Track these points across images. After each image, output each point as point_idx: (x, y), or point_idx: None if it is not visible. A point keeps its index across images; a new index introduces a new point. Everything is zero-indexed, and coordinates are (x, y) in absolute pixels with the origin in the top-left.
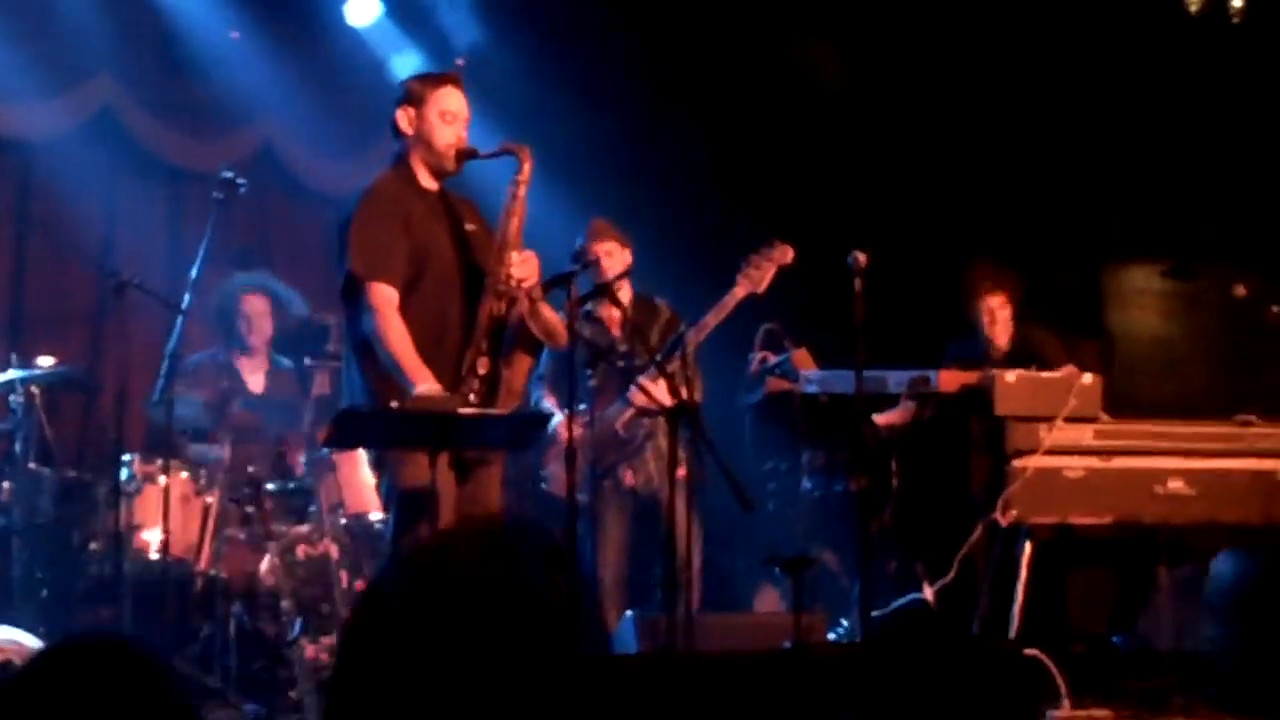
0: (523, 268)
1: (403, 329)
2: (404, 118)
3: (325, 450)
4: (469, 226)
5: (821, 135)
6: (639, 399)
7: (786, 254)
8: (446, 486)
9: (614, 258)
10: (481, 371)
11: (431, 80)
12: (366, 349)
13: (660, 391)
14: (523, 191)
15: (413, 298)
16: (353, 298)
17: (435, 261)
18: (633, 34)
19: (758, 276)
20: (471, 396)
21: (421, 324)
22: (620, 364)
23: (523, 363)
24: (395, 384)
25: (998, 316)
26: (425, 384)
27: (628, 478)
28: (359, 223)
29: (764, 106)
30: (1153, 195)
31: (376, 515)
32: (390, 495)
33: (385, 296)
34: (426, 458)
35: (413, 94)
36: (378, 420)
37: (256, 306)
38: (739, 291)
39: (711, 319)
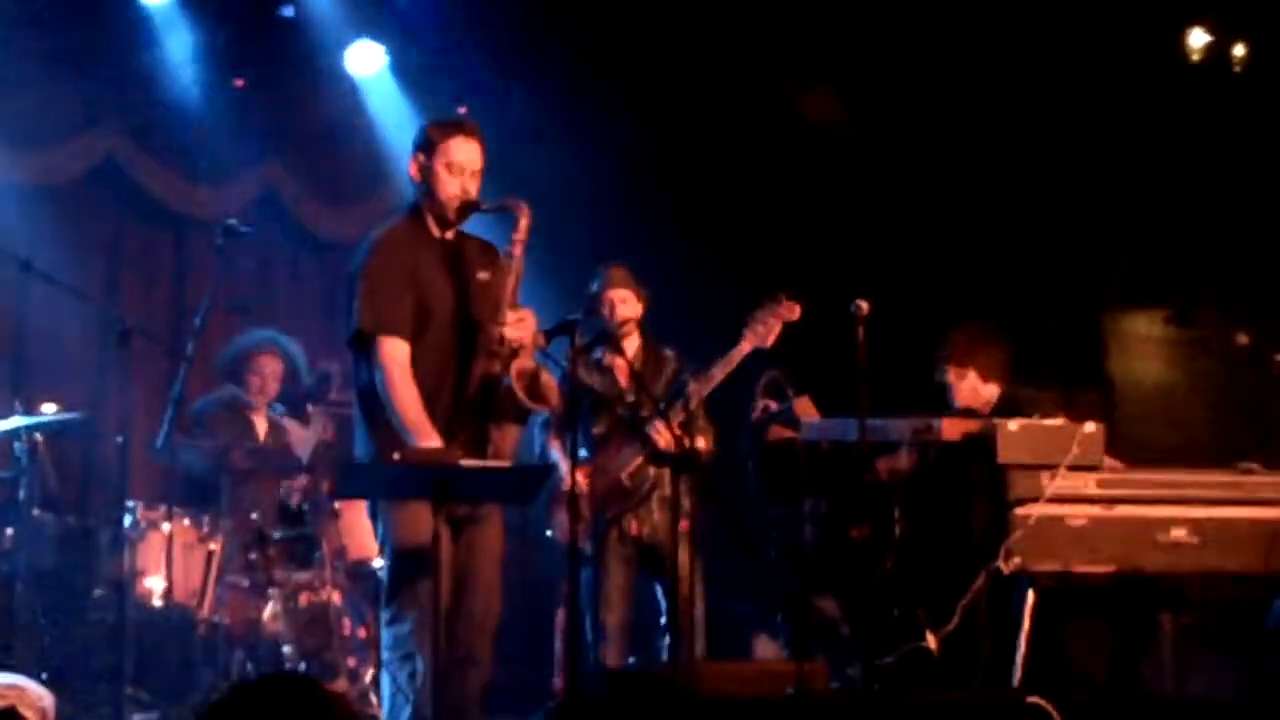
0: (517, 327)
1: (412, 387)
2: (414, 165)
3: (326, 497)
4: (481, 275)
5: (823, 183)
6: (661, 439)
7: (794, 311)
8: (442, 538)
9: (628, 305)
10: (463, 436)
11: (446, 129)
12: (371, 401)
13: (666, 440)
14: (519, 250)
15: (413, 354)
16: (361, 351)
17: (435, 319)
18: (635, 82)
19: (764, 332)
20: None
21: (418, 382)
22: (624, 413)
23: (511, 429)
24: (400, 438)
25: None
26: (428, 442)
27: (633, 527)
28: (368, 276)
29: (766, 154)
30: (1154, 242)
31: (379, 562)
32: (385, 544)
33: (394, 352)
34: (422, 509)
35: (426, 141)
36: (380, 472)
37: (271, 367)
38: (745, 346)
39: (718, 372)
